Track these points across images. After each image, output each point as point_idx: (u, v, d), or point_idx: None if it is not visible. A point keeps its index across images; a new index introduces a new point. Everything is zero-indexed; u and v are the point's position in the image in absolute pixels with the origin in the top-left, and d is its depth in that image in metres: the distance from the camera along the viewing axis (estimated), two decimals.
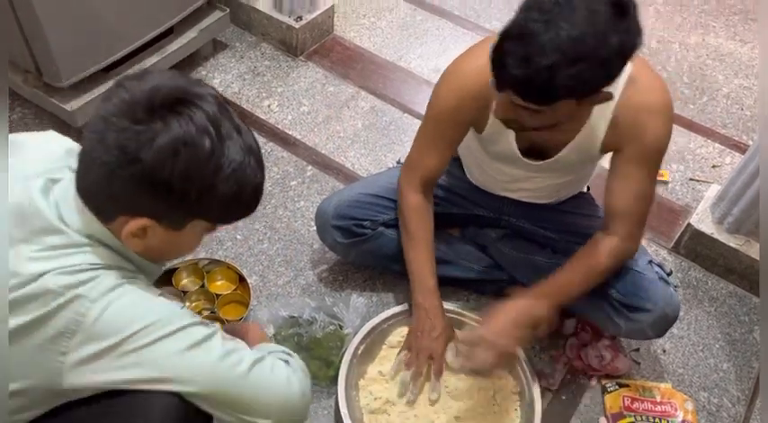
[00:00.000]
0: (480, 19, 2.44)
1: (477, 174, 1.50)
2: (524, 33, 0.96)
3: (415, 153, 1.36)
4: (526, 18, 0.96)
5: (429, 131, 1.32)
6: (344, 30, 2.32)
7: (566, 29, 0.94)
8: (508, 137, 1.28)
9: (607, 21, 0.95)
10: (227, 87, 2.07)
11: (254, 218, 1.73)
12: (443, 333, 1.35)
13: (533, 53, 0.95)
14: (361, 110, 2.06)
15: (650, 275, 1.39)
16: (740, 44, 2.43)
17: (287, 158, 1.89)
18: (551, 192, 1.47)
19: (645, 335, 1.40)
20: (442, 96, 1.26)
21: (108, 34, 1.77)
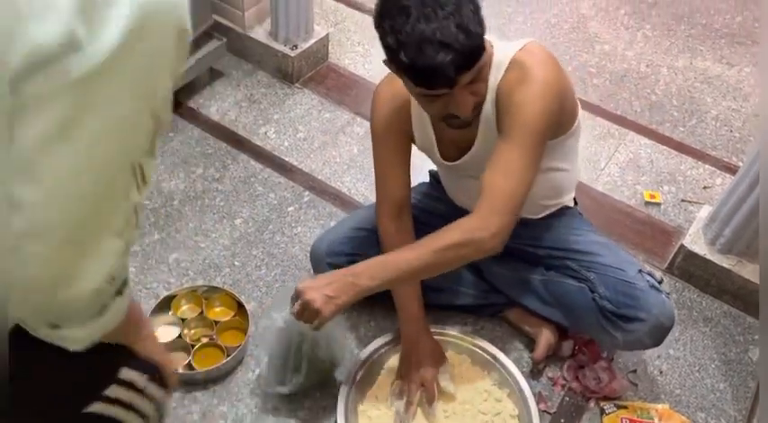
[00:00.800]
0: None
1: (455, 193, 1.53)
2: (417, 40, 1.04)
3: (377, 182, 1.42)
4: (407, 33, 1.04)
5: (377, 155, 1.39)
6: (339, 57, 2.36)
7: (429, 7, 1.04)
8: (430, 136, 1.36)
9: None
10: (225, 115, 2.10)
11: (252, 244, 1.75)
12: (431, 359, 1.36)
13: (438, 37, 1.04)
14: (357, 135, 2.09)
15: (641, 284, 1.39)
16: (727, 67, 2.49)
17: (284, 184, 1.91)
18: (531, 204, 1.48)
19: (643, 344, 1.41)
20: (374, 117, 1.37)
21: None
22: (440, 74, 1.07)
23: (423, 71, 1.08)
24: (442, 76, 1.08)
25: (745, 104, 2.34)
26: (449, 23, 1.05)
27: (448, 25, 1.05)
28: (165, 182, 1.88)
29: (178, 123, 2.05)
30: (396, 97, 1.32)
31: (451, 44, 1.05)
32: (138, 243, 1.71)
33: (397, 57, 1.08)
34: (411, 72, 1.09)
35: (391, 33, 1.07)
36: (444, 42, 1.05)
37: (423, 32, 1.04)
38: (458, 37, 1.05)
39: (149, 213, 1.79)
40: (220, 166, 1.94)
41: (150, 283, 1.63)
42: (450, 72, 1.07)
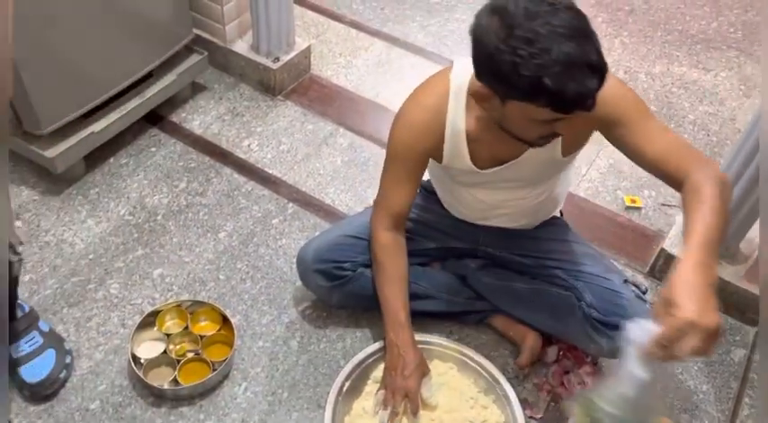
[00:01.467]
0: (454, 55, 2.50)
1: (454, 205, 1.54)
2: (566, 65, 1.00)
3: (382, 191, 1.41)
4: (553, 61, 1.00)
5: (391, 169, 1.38)
6: (321, 69, 2.37)
7: (565, 30, 1.00)
8: (461, 152, 1.33)
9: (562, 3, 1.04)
10: (207, 128, 2.10)
11: (237, 257, 1.75)
12: (416, 370, 1.37)
13: (587, 61, 1.01)
14: (340, 147, 2.10)
15: (627, 294, 1.42)
16: (703, 72, 2.53)
17: (268, 197, 1.91)
18: (528, 214, 1.51)
19: None
20: (397, 134, 1.34)
21: (87, 81, 1.80)
22: (588, 98, 1.05)
23: (572, 97, 1.03)
24: (589, 100, 1.04)
25: (721, 108, 2.38)
26: (591, 47, 1.02)
27: (591, 49, 1.02)
28: (148, 197, 1.87)
29: (161, 138, 2.05)
30: (429, 119, 1.28)
31: (600, 67, 1.03)
32: (122, 259, 1.71)
33: (539, 84, 1.01)
34: (556, 98, 1.03)
35: (528, 60, 1.00)
36: (593, 66, 1.02)
37: (569, 56, 1.00)
38: (601, 59, 1.03)
39: (132, 229, 1.79)
40: (203, 179, 1.94)
41: (135, 299, 1.63)
42: (594, 95, 1.05)
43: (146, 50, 1.94)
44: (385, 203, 1.41)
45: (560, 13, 1.02)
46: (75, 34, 1.69)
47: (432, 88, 1.30)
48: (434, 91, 1.29)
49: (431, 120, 1.29)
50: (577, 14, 1.04)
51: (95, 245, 1.74)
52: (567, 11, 1.03)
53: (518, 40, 1.01)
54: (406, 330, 1.38)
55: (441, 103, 1.28)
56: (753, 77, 2.54)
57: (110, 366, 1.49)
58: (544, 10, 1.02)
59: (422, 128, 1.30)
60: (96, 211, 1.82)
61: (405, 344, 1.37)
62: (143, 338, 1.52)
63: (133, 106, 1.94)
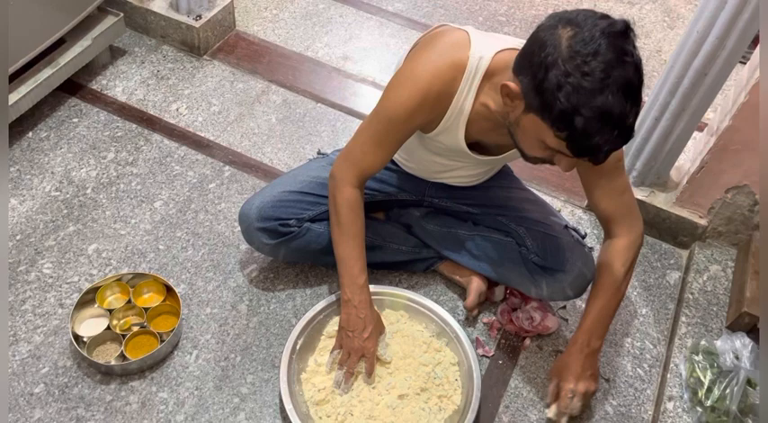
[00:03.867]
0: (383, 2, 2.45)
1: (409, 163, 1.52)
2: (604, 118, 0.98)
3: (359, 148, 1.32)
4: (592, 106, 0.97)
5: (379, 130, 1.28)
6: (247, 24, 2.28)
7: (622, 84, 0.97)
8: (456, 134, 1.29)
9: (632, 50, 0.99)
10: (131, 95, 2.00)
11: (175, 225, 1.69)
12: (374, 331, 1.37)
13: (624, 123, 1.00)
14: (273, 104, 2.04)
15: (567, 239, 1.46)
16: (629, 6, 2.56)
17: (202, 161, 1.85)
18: (481, 176, 1.52)
19: (565, 295, 1.47)
20: (401, 100, 1.22)
21: None
22: (604, 154, 1.03)
23: (591, 146, 1.02)
24: (602, 156, 1.04)
25: (647, 41, 2.42)
26: (633, 111, 1.00)
27: (632, 113, 1.00)
28: (74, 171, 1.78)
29: (82, 108, 1.94)
30: (439, 91, 1.21)
31: (630, 133, 1.02)
32: (53, 237, 1.63)
33: (570, 117, 0.99)
34: (577, 139, 1.02)
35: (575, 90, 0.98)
36: (626, 129, 1.00)
37: (612, 109, 0.97)
38: (633, 126, 1.01)
39: (61, 205, 1.70)
40: (133, 148, 1.86)
41: (70, 277, 1.56)
42: (609, 154, 1.04)
43: (53, 14, 1.81)
44: (357, 160, 1.32)
45: (628, 66, 0.98)
46: None
47: (448, 58, 1.19)
48: (451, 63, 1.19)
49: (441, 93, 1.21)
50: (639, 76, 1.00)
51: (22, 225, 1.65)
52: (634, 68, 0.98)
53: (578, 68, 0.97)
54: (365, 291, 1.37)
55: (455, 78, 1.20)
56: (676, 8, 2.59)
57: (51, 348, 1.44)
58: (616, 57, 0.97)
59: (430, 99, 1.21)
60: (19, 190, 1.72)
61: (362, 305, 1.35)
62: (84, 317, 1.47)
63: (47, 76, 1.82)
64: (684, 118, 1.59)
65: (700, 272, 1.70)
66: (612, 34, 0.98)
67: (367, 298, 1.38)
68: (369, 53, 2.25)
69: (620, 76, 0.97)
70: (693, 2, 2.62)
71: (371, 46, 2.29)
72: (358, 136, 1.32)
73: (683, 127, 1.62)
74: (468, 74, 1.20)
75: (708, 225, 1.73)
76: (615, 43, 0.98)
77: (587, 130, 0.99)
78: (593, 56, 0.97)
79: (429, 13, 2.43)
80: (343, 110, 2.05)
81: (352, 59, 2.22)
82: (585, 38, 0.98)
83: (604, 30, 0.98)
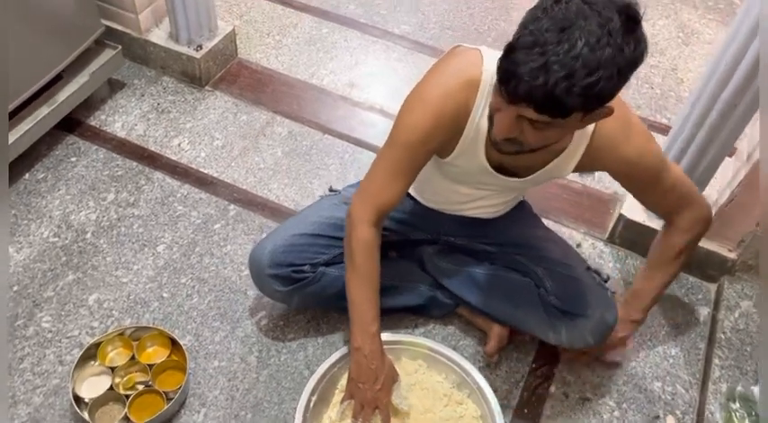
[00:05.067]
0: (388, 25, 2.38)
1: (428, 194, 1.44)
2: (538, 42, 0.91)
3: (375, 182, 1.24)
4: (538, 28, 0.91)
5: (395, 158, 1.21)
6: (249, 52, 2.21)
7: (582, 38, 0.89)
8: (477, 155, 1.22)
9: (620, 31, 0.90)
10: (131, 130, 1.93)
11: (179, 271, 1.62)
12: (387, 381, 1.29)
13: (551, 62, 0.90)
14: (279, 136, 1.97)
15: (588, 281, 1.39)
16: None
17: (206, 200, 1.78)
18: (503, 206, 1.44)
19: (585, 341, 1.38)
20: (415, 123, 1.16)
21: None
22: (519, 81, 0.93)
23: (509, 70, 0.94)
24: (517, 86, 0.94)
25: (662, 59, 2.35)
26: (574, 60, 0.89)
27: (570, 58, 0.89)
28: (73, 214, 1.71)
29: (80, 146, 1.87)
30: (454, 111, 1.15)
31: (561, 87, 0.91)
32: (51, 287, 1.56)
33: (508, 55, 0.94)
34: (503, 65, 0.95)
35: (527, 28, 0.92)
36: (556, 67, 0.90)
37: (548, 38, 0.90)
38: (560, 82, 0.91)
39: (60, 252, 1.63)
40: (134, 188, 1.78)
41: (71, 331, 1.49)
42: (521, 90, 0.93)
43: (50, 50, 1.74)
44: (375, 195, 1.24)
45: (604, 33, 0.89)
46: None
47: (460, 77, 1.14)
48: (464, 81, 1.13)
49: (456, 112, 1.15)
50: (612, 51, 0.89)
51: (19, 275, 1.58)
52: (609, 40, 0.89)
53: (544, 16, 0.92)
54: (377, 340, 1.29)
55: (469, 96, 1.14)
56: (690, 24, 2.51)
57: (51, 410, 1.36)
58: (604, 15, 0.89)
59: (445, 119, 1.15)
60: (16, 237, 1.65)
61: (374, 354, 1.28)
62: (85, 375, 1.39)
63: (44, 115, 1.75)
64: (712, 150, 1.52)
65: (731, 308, 1.62)
66: (614, 1, 0.91)
67: (379, 347, 1.30)
68: (376, 79, 2.18)
69: (588, 30, 0.89)
70: (707, 16, 2.55)
71: (378, 71, 2.21)
72: (373, 170, 1.25)
73: (711, 158, 1.54)
74: (482, 91, 1.14)
75: (737, 258, 1.65)
76: (609, 7, 0.90)
77: (517, 43, 0.93)
78: (565, 2, 0.92)
79: (436, 35, 2.36)
80: (350, 141, 1.97)
81: (359, 86, 2.15)
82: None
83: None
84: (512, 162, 1.23)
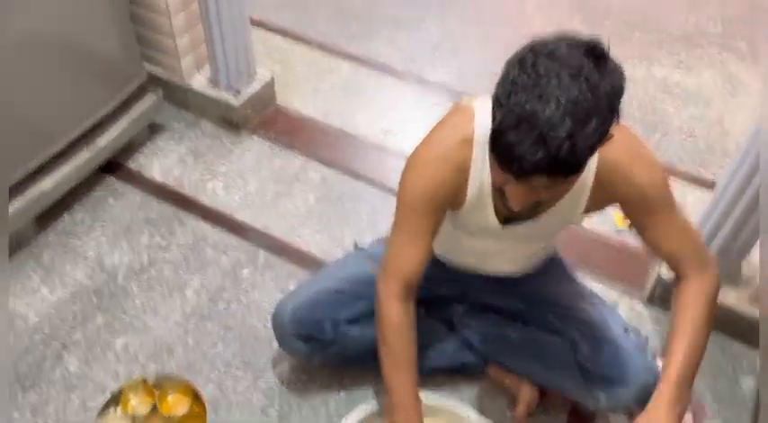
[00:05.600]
0: (425, 72, 2.39)
1: (450, 251, 1.41)
2: (523, 117, 0.88)
3: (394, 252, 1.21)
4: (516, 103, 0.88)
5: (407, 224, 1.19)
6: (287, 97, 2.24)
7: (563, 95, 0.87)
8: (485, 210, 1.19)
9: (592, 71, 0.88)
10: (168, 173, 1.96)
11: (206, 317, 1.62)
12: None
13: (545, 132, 0.87)
14: (312, 182, 1.98)
15: (627, 345, 1.33)
16: (686, 72, 2.43)
17: (236, 245, 1.79)
18: (525, 262, 1.40)
19: (627, 407, 1.32)
20: (415, 187, 1.15)
21: (30, 134, 1.66)
22: (518, 158, 0.90)
23: (505, 146, 0.90)
24: (520, 163, 0.90)
25: (707, 111, 2.28)
26: (565, 127, 0.87)
27: (564, 128, 0.87)
28: (107, 256, 1.74)
29: (118, 188, 1.91)
30: (451, 171, 1.13)
31: (559, 157, 0.88)
32: (80, 330, 1.58)
33: (494, 110, 0.91)
34: (493, 137, 0.92)
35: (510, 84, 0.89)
36: (551, 146, 0.87)
37: (534, 115, 0.87)
38: (571, 153, 0.88)
39: (91, 294, 1.65)
40: (167, 231, 1.81)
41: (96, 375, 1.50)
42: (530, 172, 0.90)
43: (94, 96, 1.80)
44: (397, 267, 1.20)
45: (577, 79, 0.86)
46: (13, 82, 1.54)
47: (455, 136, 1.13)
48: (458, 139, 1.12)
49: (456, 170, 1.13)
50: (593, 95, 0.87)
51: (51, 316, 1.60)
52: (586, 85, 0.87)
53: (524, 62, 0.89)
54: (416, 410, 1.22)
55: (466, 154, 1.13)
56: (737, 74, 2.45)
57: None
58: (569, 65, 0.87)
59: (447, 179, 1.14)
60: (50, 277, 1.68)
61: None
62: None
63: (85, 158, 1.80)
64: (757, 212, 1.45)
65: None
66: (576, 47, 0.89)
67: (414, 418, 1.22)
68: (410, 126, 2.18)
69: (564, 83, 0.86)
70: (755, 68, 2.47)
71: (413, 118, 2.21)
72: (390, 244, 1.22)
73: (757, 219, 1.47)
74: (476, 146, 1.12)
75: None
76: (575, 55, 0.88)
77: (503, 125, 0.89)
78: (546, 55, 0.89)
79: (473, 82, 2.35)
80: (383, 188, 1.96)
81: (393, 133, 2.15)
82: (549, 42, 0.91)
83: (571, 41, 0.90)
84: (523, 215, 1.19)
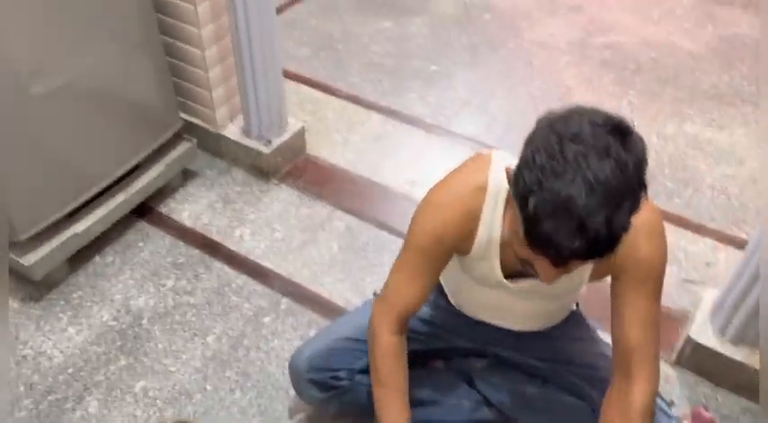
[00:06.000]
0: (452, 124, 2.42)
1: (465, 301, 1.41)
2: (559, 204, 0.87)
3: (394, 286, 1.24)
4: (550, 190, 0.88)
5: (410, 261, 1.21)
6: (317, 147, 2.29)
7: (594, 178, 0.86)
8: (491, 262, 1.20)
9: (619, 149, 0.88)
10: (197, 219, 2.01)
11: (225, 363, 1.63)
12: None
13: (582, 218, 0.87)
14: (337, 231, 2.00)
15: None
16: (718, 130, 2.41)
17: (260, 292, 1.80)
18: (539, 319, 1.38)
19: None
20: (425, 228, 1.18)
21: (68, 178, 1.73)
22: (558, 253, 0.90)
23: (540, 236, 0.90)
24: (559, 256, 0.91)
25: (740, 169, 2.25)
26: (604, 214, 0.86)
27: (602, 216, 0.86)
28: (133, 299, 1.77)
29: (148, 231, 1.96)
30: (463, 215, 1.15)
31: (597, 241, 0.87)
32: (103, 371, 1.60)
33: (526, 197, 0.89)
34: (527, 224, 0.91)
35: (536, 168, 0.88)
36: (589, 231, 0.86)
37: (569, 201, 0.86)
38: (609, 236, 0.88)
39: (116, 335, 1.68)
40: (192, 276, 1.84)
41: (114, 418, 1.51)
42: (568, 259, 0.91)
43: (131, 142, 1.88)
44: (394, 300, 1.24)
45: (607, 161, 0.87)
46: (56, 129, 1.62)
47: (469, 183, 1.15)
48: (471, 186, 1.14)
49: (466, 216, 1.15)
50: (622, 179, 0.87)
51: (75, 356, 1.63)
52: (616, 167, 0.86)
53: (550, 145, 0.89)
54: None
55: (479, 202, 1.14)
56: None
57: None
58: (595, 146, 0.87)
59: (456, 222, 1.16)
60: (78, 318, 1.72)
61: None
62: None
63: (119, 202, 1.86)
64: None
65: None
66: (600, 126, 0.89)
67: None
68: (437, 177, 2.19)
69: (593, 166, 0.86)
70: None
71: (440, 169, 2.21)
72: (390, 276, 1.25)
73: None
74: (489, 198, 1.13)
75: None
76: (599, 134, 0.88)
77: (538, 213, 0.88)
78: (570, 138, 0.88)
79: (501, 135, 2.38)
80: None
81: (420, 184, 2.17)
82: (571, 122, 0.90)
83: (594, 119, 0.90)
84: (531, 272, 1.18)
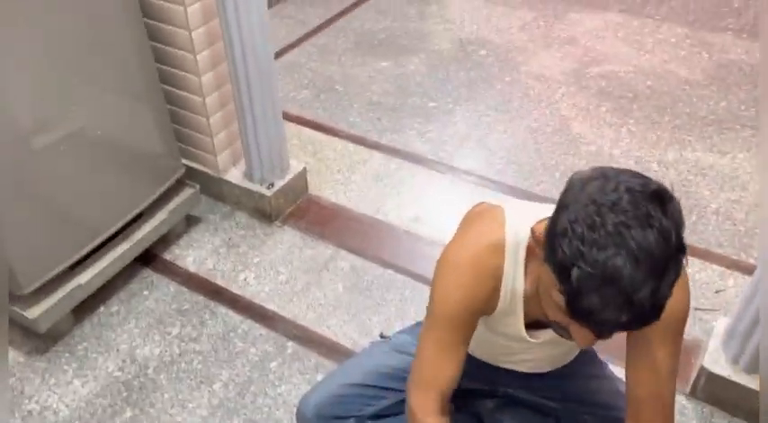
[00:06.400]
0: (452, 160, 2.43)
1: (478, 346, 1.39)
2: (605, 278, 0.84)
3: (428, 364, 1.17)
4: (594, 262, 0.84)
5: (442, 334, 1.15)
6: (319, 188, 2.31)
7: (638, 249, 0.83)
8: (517, 317, 1.17)
9: (660, 216, 0.85)
10: (202, 264, 2.01)
11: (233, 411, 1.60)
12: None
13: (629, 293, 0.84)
14: (341, 271, 1.99)
15: None
16: (719, 156, 2.40)
17: (265, 336, 1.79)
18: (552, 361, 1.35)
19: None
20: (449, 295, 1.13)
21: (71, 230, 1.74)
22: (603, 326, 0.88)
23: (584, 308, 0.86)
24: (603, 329, 0.88)
25: (744, 194, 2.24)
26: (650, 286, 0.84)
27: (648, 288, 0.84)
28: (139, 348, 1.76)
29: (153, 279, 1.96)
30: (486, 278, 1.11)
31: (643, 313, 0.85)
32: None
33: (567, 268, 0.86)
34: (571, 295, 0.87)
35: (576, 239, 0.85)
36: (635, 304, 0.84)
37: (615, 273, 0.83)
38: (654, 307, 0.85)
39: (121, 387, 1.66)
40: (197, 322, 1.83)
41: None
42: (613, 329, 0.89)
43: (134, 191, 1.89)
44: (432, 381, 1.15)
45: (650, 231, 0.83)
46: (54, 181, 1.63)
47: (486, 241, 1.11)
48: (489, 244, 1.10)
49: (488, 277, 1.11)
50: (665, 248, 0.84)
51: (81, 410, 1.61)
52: (659, 235, 0.83)
53: (589, 216, 0.86)
54: None
55: (498, 260, 1.11)
56: None
57: None
58: (636, 216, 0.84)
59: (480, 290, 1.12)
60: (83, 370, 1.71)
61: None
62: None
63: (122, 251, 1.87)
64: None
65: None
66: (639, 192, 0.85)
67: None
68: (440, 213, 2.20)
69: (637, 237, 0.83)
70: None
71: (443, 205, 2.24)
72: (422, 351, 1.18)
73: None
74: (509, 252, 1.10)
75: None
76: (639, 202, 0.84)
77: (582, 286, 0.84)
78: (609, 208, 0.84)
79: (501, 170, 2.38)
80: (412, 276, 1.96)
81: (423, 220, 2.17)
82: (608, 189, 0.86)
83: (631, 186, 0.86)
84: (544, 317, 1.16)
